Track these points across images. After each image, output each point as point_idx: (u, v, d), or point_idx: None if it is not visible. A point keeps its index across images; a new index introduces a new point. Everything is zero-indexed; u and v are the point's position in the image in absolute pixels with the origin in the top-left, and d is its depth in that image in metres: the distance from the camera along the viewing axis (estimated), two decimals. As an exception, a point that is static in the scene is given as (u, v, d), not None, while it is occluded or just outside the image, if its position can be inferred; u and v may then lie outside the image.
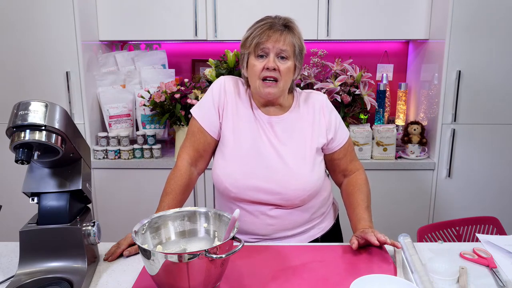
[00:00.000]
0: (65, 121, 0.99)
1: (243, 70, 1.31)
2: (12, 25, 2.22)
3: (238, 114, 1.31)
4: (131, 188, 2.35)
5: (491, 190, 2.33)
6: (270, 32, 1.21)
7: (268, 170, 1.26)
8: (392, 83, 2.67)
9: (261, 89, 1.24)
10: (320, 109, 1.33)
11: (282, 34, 1.22)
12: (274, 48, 1.21)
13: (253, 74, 1.25)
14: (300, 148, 1.28)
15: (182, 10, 2.34)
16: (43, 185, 1.07)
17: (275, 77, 1.22)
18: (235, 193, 1.27)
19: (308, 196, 1.28)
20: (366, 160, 2.33)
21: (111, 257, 1.16)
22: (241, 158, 1.28)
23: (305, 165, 1.27)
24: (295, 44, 1.24)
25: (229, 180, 1.27)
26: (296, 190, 1.26)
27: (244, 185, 1.26)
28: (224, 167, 1.29)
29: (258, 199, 1.27)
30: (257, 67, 1.23)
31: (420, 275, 1.02)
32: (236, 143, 1.29)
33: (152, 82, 2.49)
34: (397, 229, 2.00)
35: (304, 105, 1.34)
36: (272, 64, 1.21)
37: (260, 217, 1.28)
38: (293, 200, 1.27)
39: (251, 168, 1.26)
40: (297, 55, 1.26)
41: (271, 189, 1.25)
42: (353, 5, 2.33)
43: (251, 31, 1.24)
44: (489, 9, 2.13)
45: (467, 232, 1.72)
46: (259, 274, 1.08)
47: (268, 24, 1.23)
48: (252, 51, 1.24)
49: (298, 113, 1.32)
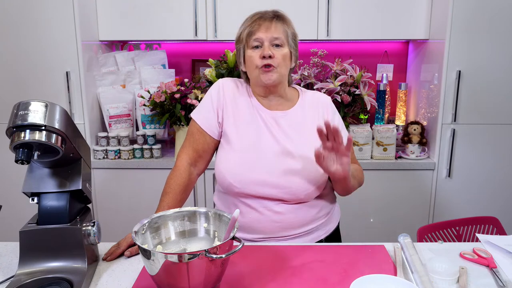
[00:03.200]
0: (65, 121, 0.99)
1: (241, 66, 1.34)
2: (12, 25, 2.22)
3: (239, 111, 1.32)
4: (131, 188, 2.35)
5: (491, 190, 2.32)
6: (260, 21, 1.26)
7: (272, 164, 1.26)
8: (392, 83, 2.67)
9: (261, 77, 1.26)
10: (324, 108, 1.36)
11: (272, 22, 1.26)
12: (267, 37, 1.24)
13: (251, 65, 1.28)
14: (306, 142, 1.29)
15: (182, 10, 2.34)
16: (43, 185, 1.07)
17: (272, 64, 1.24)
18: (239, 188, 1.27)
19: (313, 191, 1.28)
20: (366, 160, 2.33)
21: (110, 257, 1.16)
22: (244, 153, 1.28)
23: (310, 159, 1.26)
24: (287, 31, 1.28)
25: (232, 176, 1.27)
26: (302, 183, 1.26)
27: (248, 179, 1.26)
28: (226, 163, 1.29)
29: (262, 194, 1.26)
30: (254, 57, 1.26)
31: (420, 275, 1.02)
32: (239, 139, 1.30)
33: (152, 82, 2.49)
34: (397, 229, 2.00)
35: (310, 102, 1.36)
36: (267, 51, 1.23)
37: (266, 214, 1.28)
38: (298, 193, 1.27)
39: (254, 162, 1.27)
40: (290, 42, 1.29)
41: (276, 182, 1.25)
42: (353, 5, 2.33)
43: (244, 27, 1.29)
44: (489, 9, 2.13)
45: (467, 232, 1.72)
46: (259, 274, 1.08)
47: (258, 15, 1.28)
48: (246, 43, 1.27)
49: (304, 110, 1.35)
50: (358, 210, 2.32)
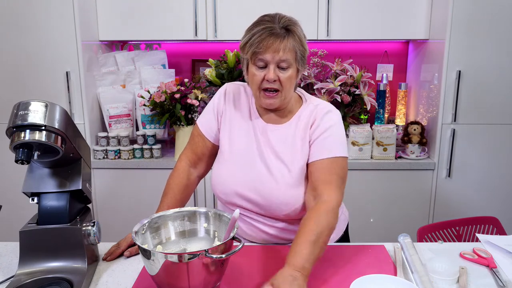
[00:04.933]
0: (65, 121, 0.99)
1: (244, 73, 1.26)
2: (12, 25, 2.22)
3: (235, 122, 1.29)
4: (131, 188, 2.35)
5: (491, 190, 2.32)
6: (269, 41, 1.11)
7: (254, 180, 1.22)
8: (392, 83, 2.67)
9: (262, 100, 1.19)
10: (317, 115, 1.22)
11: (282, 41, 1.11)
12: (274, 60, 1.12)
13: (253, 83, 1.19)
14: (290, 160, 1.21)
15: (182, 10, 2.34)
16: (43, 185, 1.07)
17: (276, 88, 1.16)
18: (224, 200, 1.27)
19: (293, 211, 1.20)
20: (366, 160, 2.33)
21: (110, 257, 1.16)
22: (232, 165, 1.25)
23: (291, 179, 1.19)
24: (297, 50, 1.14)
25: (218, 186, 1.26)
26: (280, 204, 1.19)
27: (231, 191, 1.24)
28: (216, 173, 1.28)
29: (246, 207, 1.25)
30: (257, 77, 1.15)
31: (420, 275, 1.02)
32: (230, 151, 1.27)
33: (152, 82, 2.49)
34: (397, 229, 2.00)
35: (306, 116, 1.23)
36: (272, 76, 1.13)
37: (255, 225, 1.26)
38: (277, 213, 1.21)
39: (237, 176, 1.24)
40: (298, 60, 1.16)
41: (254, 199, 1.22)
42: (353, 5, 2.33)
43: (249, 37, 1.14)
44: (489, 9, 2.13)
45: (467, 232, 1.72)
46: (259, 274, 1.08)
47: (268, 30, 1.12)
48: (250, 59, 1.16)
49: (297, 125, 1.23)
50: (358, 210, 2.32)
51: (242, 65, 1.25)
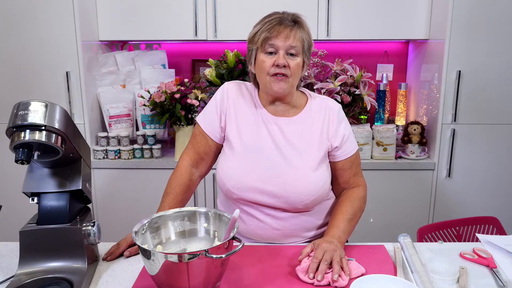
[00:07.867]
0: (65, 121, 0.99)
1: (250, 67, 1.28)
2: (12, 25, 2.22)
3: (242, 116, 1.29)
4: (131, 188, 2.35)
5: (491, 190, 2.32)
6: (280, 28, 1.19)
7: (271, 172, 1.24)
8: (392, 83, 2.67)
9: (272, 85, 1.21)
10: (331, 116, 1.29)
11: (292, 30, 1.19)
12: (284, 46, 1.18)
13: (262, 70, 1.22)
14: (307, 151, 1.25)
15: (182, 10, 2.34)
16: (43, 185, 1.07)
17: (285, 73, 1.20)
18: (237, 195, 1.26)
19: (312, 202, 1.24)
20: (366, 160, 2.33)
21: (110, 257, 1.16)
22: (244, 159, 1.26)
23: (311, 169, 1.24)
24: (304, 40, 1.22)
25: (231, 182, 1.26)
26: (299, 194, 1.22)
27: (246, 186, 1.24)
28: (226, 169, 1.27)
29: (261, 201, 1.25)
30: (267, 63, 1.20)
31: (420, 275, 1.02)
32: (240, 145, 1.27)
33: (152, 82, 2.49)
34: (397, 229, 2.00)
35: (317, 110, 1.30)
36: (282, 61, 1.18)
37: (266, 221, 1.26)
38: (295, 204, 1.23)
39: (253, 170, 1.24)
40: (305, 51, 1.23)
41: (273, 191, 1.23)
42: (353, 5, 2.33)
43: (259, 26, 1.21)
44: (488, 9, 2.13)
45: (467, 232, 1.72)
46: (259, 274, 1.08)
47: (277, 19, 1.20)
48: (261, 46, 1.21)
49: (310, 117, 1.29)
50: (358, 210, 2.32)
51: (248, 59, 1.27)
